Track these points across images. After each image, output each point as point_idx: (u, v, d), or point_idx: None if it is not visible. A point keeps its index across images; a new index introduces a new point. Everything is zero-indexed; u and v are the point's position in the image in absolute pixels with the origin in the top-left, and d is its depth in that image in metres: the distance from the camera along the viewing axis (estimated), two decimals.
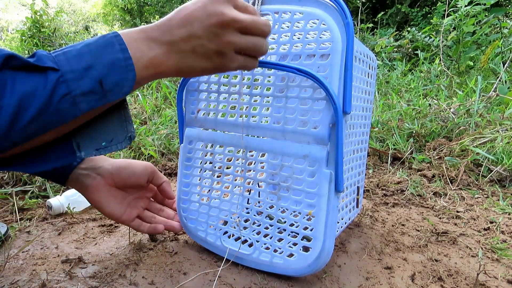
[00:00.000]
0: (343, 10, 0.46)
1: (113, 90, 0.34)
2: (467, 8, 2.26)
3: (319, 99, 0.48)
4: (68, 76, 0.32)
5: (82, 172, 0.54)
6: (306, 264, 0.55)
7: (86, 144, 0.39)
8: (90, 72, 0.32)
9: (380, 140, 1.37)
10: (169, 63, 0.37)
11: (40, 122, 0.32)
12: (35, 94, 0.31)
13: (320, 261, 0.53)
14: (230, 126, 0.57)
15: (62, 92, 0.31)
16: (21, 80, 0.30)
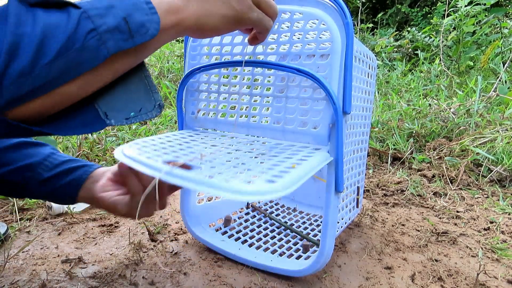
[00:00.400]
0: (343, 10, 0.46)
1: (139, 31, 0.32)
2: (467, 8, 2.26)
3: (319, 99, 0.48)
4: (91, 12, 0.30)
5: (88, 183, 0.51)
6: (306, 264, 0.55)
7: (114, 114, 0.36)
8: (113, 10, 0.31)
9: (380, 140, 1.37)
10: (189, 10, 0.36)
11: (66, 60, 0.29)
12: (59, 26, 0.28)
13: (320, 261, 0.53)
14: (230, 126, 0.57)
15: (87, 28, 0.29)
16: (42, 14, 0.28)
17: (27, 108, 0.30)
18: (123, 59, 0.34)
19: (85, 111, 0.35)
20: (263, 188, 0.33)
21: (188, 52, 0.60)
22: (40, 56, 0.28)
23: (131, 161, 0.39)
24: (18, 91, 0.28)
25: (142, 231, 0.71)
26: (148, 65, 2.40)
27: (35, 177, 0.50)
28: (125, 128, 1.27)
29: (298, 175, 0.37)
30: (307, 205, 0.86)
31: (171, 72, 2.23)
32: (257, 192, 0.32)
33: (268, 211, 0.82)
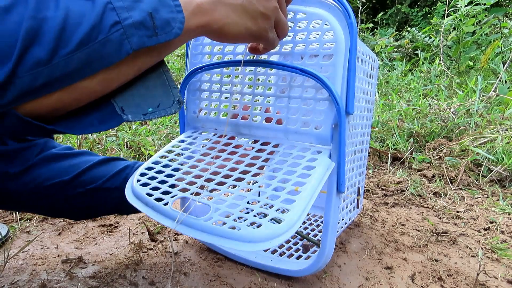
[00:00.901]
0: (347, 11, 0.45)
1: (164, 29, 0.31)
2: (467, 8, 2.26)
3: (322, 100, 0.48)
4: (117, 4, 0.28)
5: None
6: (306, 264, 0.55)
7: (132, 109, 0.35)
8: (139, 4, 0.29)
9: (380, 140, 1.37)
10: (216, 15, 0.36)
11: (88, 52, 0.27)
12: (83, 14, 0.27)
13: (320, 261, 0.53)
14: (231, 126, 0.57)
15: (112, 20, 0.28)
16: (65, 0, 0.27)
17: (41, 103, 0.28)
18: (145, 57, 0.32)
19: (101, 107, 0.33)
20: (269, 234, 0.35)
21: (190, 51, 0.60)
22: (61, 45, 0.26)
23: (142, 205, 0.42)
24: (33, 82, 0.26)
25: (142, 231, 0.71)
26: None
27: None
28: (125, 128, 1.27)
29: (303, 205, 0.39)
30: None
31: (171, 72, 2.22)
32: (263, 239, 0.35)
33: None
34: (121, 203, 0.51)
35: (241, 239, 0.35)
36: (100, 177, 0.54)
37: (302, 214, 0.38)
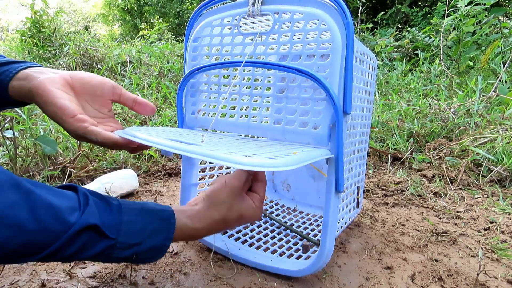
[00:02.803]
0: (343, 10, 0.46)
1: (138, 262, 0.43)
2: (467, 8, 2.26)
3: (320, 100, 0.48)
4: (118, 245, 0.39)
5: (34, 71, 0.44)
6: (306, 264, 0.55)
7: None
8: (135, 248, 0.40)
9: (380, 140, 1.37)
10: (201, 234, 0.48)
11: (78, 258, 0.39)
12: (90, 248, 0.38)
13: (320, 261, 0.53)
14: (230, 126, 0.57)
15: (106, 253, 0.39)
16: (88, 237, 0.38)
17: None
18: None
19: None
20: (264, 162, 0.36)
21: (188, 52, 0.60)
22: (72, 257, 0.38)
23: (142, 140, 0.42)
24: None
25: None
26: (148, 65, 2.41)
27: None
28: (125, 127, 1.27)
29: (299, 157, 0.40)
30: (307, 205, 0.86)
31: (171, 72, 2.23)
32: (259, 164, 0.35)
33: (268, 211, 0.82)
34: None
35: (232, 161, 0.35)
36: None
37: (298, 162, 0.39)
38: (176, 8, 6.81)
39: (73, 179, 0.92)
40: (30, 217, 0.33)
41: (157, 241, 0.42)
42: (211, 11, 0.58)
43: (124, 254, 0.40)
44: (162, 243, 0.42)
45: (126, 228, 0.40)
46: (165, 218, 0.43)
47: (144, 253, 0.41)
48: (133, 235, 0.40)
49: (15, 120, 1.07)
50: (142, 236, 0.40)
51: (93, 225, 0.37)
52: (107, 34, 8.03)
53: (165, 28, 4.57)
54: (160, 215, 0.43)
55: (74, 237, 0.36)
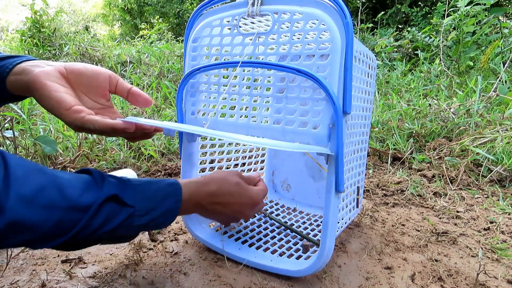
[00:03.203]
0: (343, 10, 0.46)
1: (156, 227, 0.46)
2: (467, 8, 2.26)
3: (319, 100, 0.48)
4: (136, 213, 0.42)
5: (30, 64, 0.45)
6: (306, 264, 0.55)
7: None
8: (151, 213, 0.43)
9: (380, 140, 1.37)
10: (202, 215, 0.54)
11: (102, 233, 0.40)
12: (114, 218, 0.40)
13: (320, 261, 0.53)
14: (230, 127, 0.57)
15: (127, 222, 0.41)
16: (111, 208, 0.40)
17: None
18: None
19: None
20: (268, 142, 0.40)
21: (188, 52, 0.60)
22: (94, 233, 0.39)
23: (145, 122, 0.46)
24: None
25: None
26: (148, 65, 2.41)
27: None
28: None
29: (300, 145, 0.41)
30: (307, 205, 0.86)
31: (171, 72, 2.23)
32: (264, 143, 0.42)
33: (268, 211, 0.82)
34: None
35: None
36: None
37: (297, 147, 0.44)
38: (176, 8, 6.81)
39: None
40: (59, 196, 0.35)
41: (169, 204, 0.45)
42: (211, 11, 0.58)
43: (142, 221, 0.42)
44: (173, 206, 0.46)
45: (141, 196, 0.43)
46: (171, 184, 0.47)
47: (159, 217, 0.44)
48: (148, 201, 0.43)
49: (15, 120, 1.07)
50: (155, 202, 0.44)
51: (113, 195, 0.40)
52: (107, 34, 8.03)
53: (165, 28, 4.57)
54: (166, 182, 0.47)
55: (98, 209, 0.38)
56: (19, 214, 0.32)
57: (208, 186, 0.51)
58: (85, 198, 0.37)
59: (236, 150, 0.79)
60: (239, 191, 0.53)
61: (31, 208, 0.33)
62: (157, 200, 0.44)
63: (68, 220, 0.36)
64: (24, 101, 1.08)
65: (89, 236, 0.39)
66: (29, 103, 1.23)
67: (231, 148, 0.78)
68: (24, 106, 1.07)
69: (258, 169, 0.88)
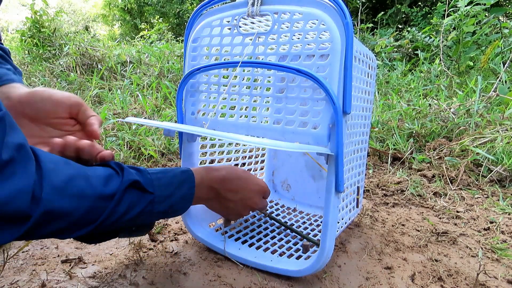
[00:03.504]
0: (342, 11, 0.46)
1: (173, 214, 0.48)
2: (467, 8, 2.26)
3: (319, 100, 0.48)
4: (156, 199, 0.44)
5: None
6: (306, 264, 0.55)
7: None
8: (169, 199, 0.46)
9: (380, 140, 1.37)
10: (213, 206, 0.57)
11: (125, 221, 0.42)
12: (136, 205, 0.42)
13: (320, 261, 0.53)
14: (230, 127, 0.57)
15: (148, 209, 0.43)
16: (133, 195, 0.42)
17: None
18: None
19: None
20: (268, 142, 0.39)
21: (188, 52, 0.60)
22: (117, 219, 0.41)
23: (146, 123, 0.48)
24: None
25: None
26: (148, 65, 2.41)
27: None
28: (125, 128, 1.27)
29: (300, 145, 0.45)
30: (307, 205, 0.86)
31: (171, 72, 2.23)
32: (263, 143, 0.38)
33: (268, 211, 0.82)
34: None
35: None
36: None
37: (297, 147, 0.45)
38: (176, 8, 6.81)
39: None
40: (87, 185, 0.37)
41: (185, 190, 0.48)
42: (211, 11, 0.58)
43: (162, 207, 0.45)
44: (189, 192, 0.48)
45: (158, 184, 0.44)
46: (184, 171, 0.49)
47: (177, 203, 0.47)
48: (165, 188, 0.45)
49: None
50: (172, 188, 0.46)
51: (135, 181, 0.42)
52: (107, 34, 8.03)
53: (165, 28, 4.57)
54: (179, 170, 0.49)
55: (122, 196, 0.40)
56: (53, 203, 0.33)
57: (218, 171, 0.53)
58: (109, 186, 0.39)
59: (236, 150, 0.79)
60: (248, 176, 0.56)
61: (64, 197, 0.35)
62: (173, 186, 0.46)
63: (97, 208, 0.38)
64: None
65: (113, 224, 0.40)
66: None
67: (231, 148, 0.78)
68: None
69: (258, 169, 0.88)
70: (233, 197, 0.55)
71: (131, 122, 0.47)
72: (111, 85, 2.01)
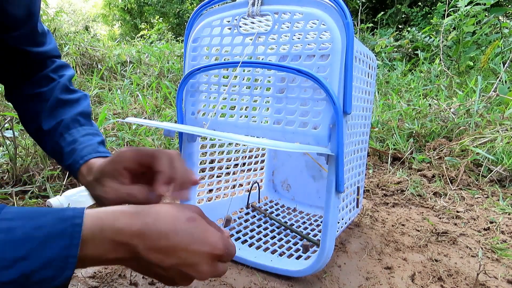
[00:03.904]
0: (343, 11, 0.46)
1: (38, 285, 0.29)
2: (467, 8, 2.26)
3: (319, 100, 0.48)
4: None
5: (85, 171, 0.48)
6: (306, 264, 0.55)
7: None
8: (20, 263, 0.28)
9: (380, 140, 1.37)
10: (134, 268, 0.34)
11: None
12: None
13: (320, 261, 0.53)
14: (230, 127, 0.57)
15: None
16: None
17: None
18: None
19: None
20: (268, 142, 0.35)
21: (188, 52, 0.60)
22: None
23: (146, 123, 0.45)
24: None
25: None
26: (148, 65, 2.41)
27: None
28: (125, 128, 1.27)
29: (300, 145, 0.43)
30: (307, 205, 0.86)
31: (171, 72, 2.23)
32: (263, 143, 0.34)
33: (268, 211, 0.82)
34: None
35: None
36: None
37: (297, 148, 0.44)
38: (176, 8, 6.81)
39: (73, 179, 0.92)
40: None
41: (54, 251, 0.29)
42: (211, 11, 0.58)
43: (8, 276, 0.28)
44: (63, 253, 0.29)
45: (4, 237, 0.28)
46: (66, 218, 0.30)
47: (37, 271, 0.28)
48: (14, 246, 0.28)
49: (15, 120, 1.07)
50: (28, 247, 0.28)
51: None
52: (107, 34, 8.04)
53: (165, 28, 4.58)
54: (59, 215, 0.30)
55: None
56: None
57: (139, 217, 0.33)
58: None
59: (236, 150, 0.79)
60: (191, 232, 0.34)
61: None
62: (31, 244, 0.28)
63: None
64: None
65: None
66: None
67: (231, 148, 0.78)
68: None
69: (258, 169, 0.88)
70: (162, 262, 0.33)
71: (131, 122, 0.46)
72: (111, 85, 2.01)
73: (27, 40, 0.51)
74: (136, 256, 0.32)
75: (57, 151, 0.52)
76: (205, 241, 0.35)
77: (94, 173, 0.46)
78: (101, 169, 0.44)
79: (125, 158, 0.43)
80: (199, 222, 0.35)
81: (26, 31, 0.50)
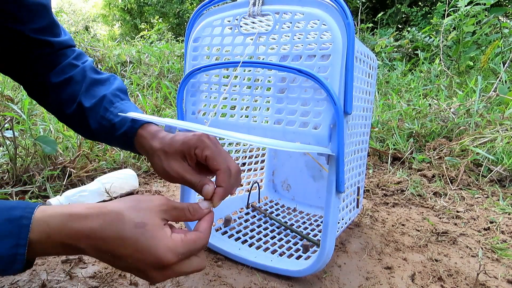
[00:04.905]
0: (344, 11, 0.46)
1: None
2: (467, 8, 2.26)
3: (320, 100, 0.48)
4: None
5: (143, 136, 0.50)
6: (306, 264, 0.55)
7: None
8: None
9: (380, 140, 1.37)
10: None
11: None
12: None
13: (320, 261, 0.53)
14: (230, 127, 0.57)
15: None
16: None
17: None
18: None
19: None
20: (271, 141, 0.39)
21: (189, 52, 0.60)
22: None
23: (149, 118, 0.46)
24: None
25: None
26: (148, 65, 2.41)
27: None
28: None
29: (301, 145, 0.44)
30: (307, 205, 0.86)
31: (171, 72, 2.23)
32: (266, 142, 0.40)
33: (268, 211, 0.82)
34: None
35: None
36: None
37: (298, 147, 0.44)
38: (176, 8, 6.81)
39: (73, 179, 0.92)
40: None
41: (2, 249, 0.31)
42: (212, 11, 0.58)
43: None
44: (11, 252, 0.31)
45: None
46: (14, 219, 0.32)
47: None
48: None
49: (15, 120, 1.07)
50: None
51: None
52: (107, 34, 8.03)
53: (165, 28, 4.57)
54: (7, 215, 0.32)
55: None
56: None
57: (86, 221, 0.33)
58: None
59: (236, 150, 0.79)
60: (137, 240, 0.33)
61: None
62: None
63: None
64: (24, 101, 1.08)
65: None
66: (29, 103, 1.23)
67: (231, 148, 0.78)
68: (24, 106, 1.07)
69: (258, 169, 0.88)
70: (112, 263, 0.35)
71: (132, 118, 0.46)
72: None
73: (47, 31, 0.53)
74: (87, 254, 0.34)
75: (105, 125, 0.52)
76: (150, 251, 0.33)
77: (164, 143, 0.47)
78: (174, 145, 0.46)
79: (198, 145, 0.45)
80: (148, 228, 0.33)
81: (44, 23, 0.51)
